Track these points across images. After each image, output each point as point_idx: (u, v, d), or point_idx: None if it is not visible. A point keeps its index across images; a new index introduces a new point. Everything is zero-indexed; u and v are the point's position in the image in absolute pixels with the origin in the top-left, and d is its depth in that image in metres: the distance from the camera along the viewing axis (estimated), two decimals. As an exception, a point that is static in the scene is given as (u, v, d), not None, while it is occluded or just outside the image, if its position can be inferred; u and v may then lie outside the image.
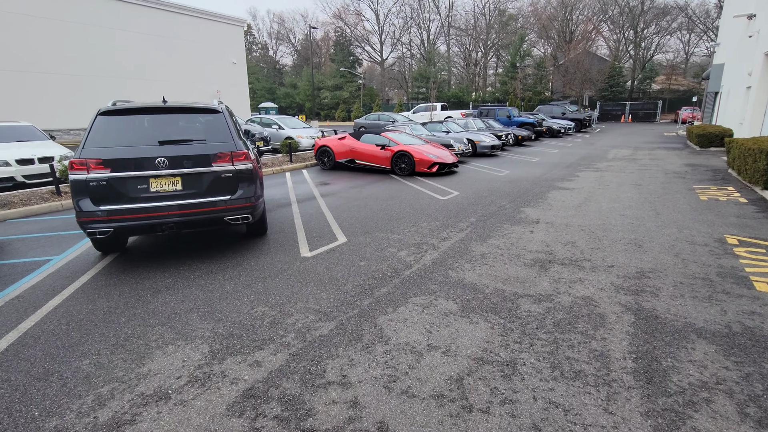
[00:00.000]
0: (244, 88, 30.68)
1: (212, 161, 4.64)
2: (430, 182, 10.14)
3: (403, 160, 11.37)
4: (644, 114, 41.12)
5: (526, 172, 11.68)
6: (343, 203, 7.93)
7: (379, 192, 8.98)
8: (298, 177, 11.43)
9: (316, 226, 6.28)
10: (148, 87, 24.50)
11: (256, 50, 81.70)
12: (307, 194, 8.92)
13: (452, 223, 6.33)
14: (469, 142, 15.60)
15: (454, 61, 66.50)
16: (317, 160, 13.00)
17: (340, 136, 12.87)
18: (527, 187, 9.30)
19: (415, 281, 4.11)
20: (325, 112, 64.64)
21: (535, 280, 4.08)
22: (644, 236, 5.46)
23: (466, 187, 9.42)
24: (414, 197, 8.34)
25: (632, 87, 46.76)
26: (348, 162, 12.32)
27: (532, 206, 7.36)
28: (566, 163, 13.56)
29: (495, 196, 8.27)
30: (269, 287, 4.04)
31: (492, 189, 9.08)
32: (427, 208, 7.40)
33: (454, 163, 11.68)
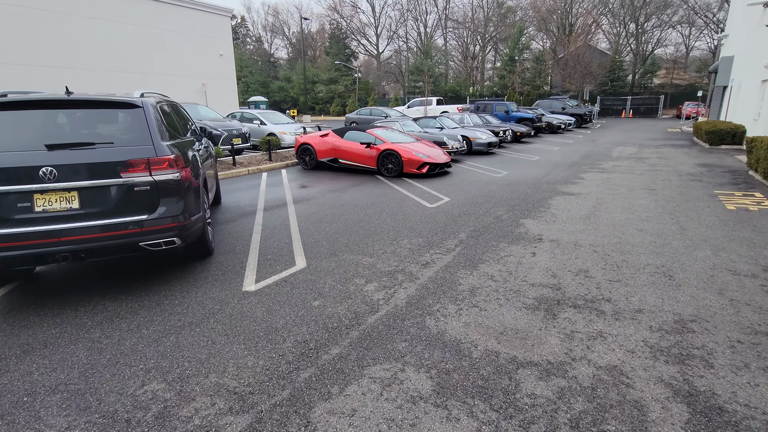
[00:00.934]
0: (232, 82, 29.43)
1: (121, 170, 3.57)
2: (418, 185, 9.08)
3: (390, 159, 10.30)
4: (645, 109, 40.08)
5: (526, 173, 10.63)
6: (315, 212, 6.87)
7: (360, 197, 7.92)
8: (275, 178, 10.35)
9: (275, 244, 5.22)
10: (128, 80, 23.27)
11: (250, 43, 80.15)
12: (279, 200, 7.85)
13: (438, 240, 5.28)
14: (464, 139, 14.53)
15: (451, 54, 65.21)
16: (298, 159, 11.92)
17: (323, 132, 11.78)
18: (527, 192, 8.25)
19: (379, 335, 3.07)
20: (320, 107, 63.31)
21: (540, 334, 3.04)
22: (673, 262, 4.43)
23: (458, 191, 8.37)
24: (398, 204, 7.28)
25: (633, 81, 45.66)
26: (331, 161, 11.25)
27: (534, 217, 6.31)
28: (568, 162, 12.52)
29: (491, 204, 7.22)
30: (182, 344, 2.99)
31: (487, 194, 8.03)
32: (411, 218, 6.35)
33: (447, 163, 10.62)
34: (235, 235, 5.64)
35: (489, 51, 62.71)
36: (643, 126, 28.89)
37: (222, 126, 12.86)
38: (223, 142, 12.60)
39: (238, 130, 13.15)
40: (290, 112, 37.61)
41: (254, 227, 6.01)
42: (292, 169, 11.90)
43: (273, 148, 13.44)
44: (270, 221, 6.34)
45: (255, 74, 69.19)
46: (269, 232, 5.75)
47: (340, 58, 62.15)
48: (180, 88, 25.66)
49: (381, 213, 6.73)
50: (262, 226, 6.06)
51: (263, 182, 9.81)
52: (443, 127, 15.15)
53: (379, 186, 9.12)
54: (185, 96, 25.66)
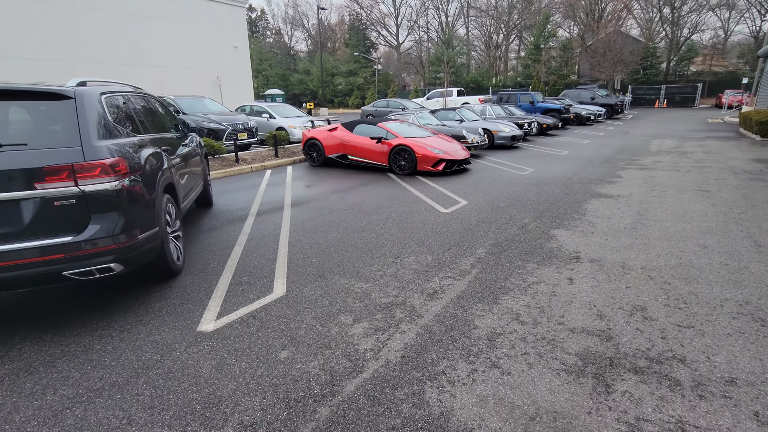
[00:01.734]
0: (247, 74, 28.86)
1: (36, 180, 2.78)
2: (433, 185, 8.13)
3: (402, 156, 9.36)
4: (681, 99, 37.71)
5: (555, 170, 9.53)
6: (313, 218, 6.02)
7: (366, 200, 7.03)
8: (279, 176, 9.57)
9: (256, 262, 4.40)
10: (140, 74, 22.92)
11: (270, 36, 79.87)
12: (276, 202, 7.04)
13: (451, 258, 4.35)
14: (486, 132, 13.44)
15: (473, 44, 63.30)
16: (305, 155, 11.10)
17: (331, 126, 10.92)
18: (557, 193, 7.19)
19: (357, 416, 2.19)
20: (339, 99, 62.54)
21: (589, 423, 2.10)
22: (759, 296, 3.38)
23: (477, 192, 7.38)
24: (408, 209, 6.36)
25: (667, 69, 43.09)
26: (339, 158, 10.39)
27: (567, 227, 5.30)
28: (602, 157, 11.30)
29: (515, 208, 6.22)
30: (87, 423, 2.18)
31: (511, 196, 7.02)
32: (421, 227, 5.43)
33: (466, 159, 9.61)
34: (214, 248, 4.84)
35: (513, 40, 60.53)
36: (680, 116, 26.96)
37: (227, 120, 12.15)
38: (227, 137, 11.89)
39: (244, 125, 12.42)
40: (307, 104, 36.95)
41: (239, 237, 5.21)
42: (299, 165, 11.09)
43: (281, 143, 12.67)
44: (259, 230, 5.52)
45: (275, 67, 68.91)
46: (254, 244, 4.93)
47: (359, 49, 61.09)
48: (193, 81, 25.23)
49: (387, 220, 5.83)
50: (248, 236, 5.25)
51: (264, 181, 9.03)
52: (463, 119, 14.07)
53: (389, 186, 8.21)
54: (199, 89, 25.23)
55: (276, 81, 66.11)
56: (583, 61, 46.31)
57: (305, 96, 63.95)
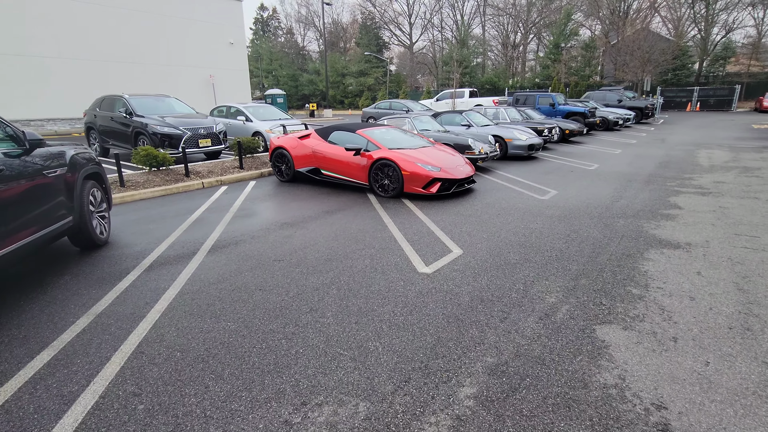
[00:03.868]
0: (244, 73, 27.05)
1: None
2: (421, 215, 5.97)
3: (385, 172, 7.22)
4: (716, 101, 34.62)
5: (585, 192, 7.27)
6: (222, 279, 3.93)
7: (318, 242, 4.92)
8: (230, 196, 7.52)
9: (32, 404, 2.32)
10: (130, 72, 21.26)
11: (282, 35, 78.51)
12: (193, 242, 4.99)
13: (407, 406, 2.21)
14: (498, 140, 11.21)
15: (490, 44, 60.70)
16: (273, 168, 9.05)
17: (303, 133, 8.84)
18: (595, 237, 4.96)
19: None
20: (349, 100, 60.62)
21: None
22: None
23: (479, 232, 5.19)
24: (371, 265, 4.22)
25: (699, 70, 39.95)
26: (311, 172, 8.30)
27: (622, 320, 3.09)
28: (643, 173, 8.97)
29: (532, 269, 4.02)
30: None
31: (528, 241, 4.81)
32: (377, 310, 3.29)
33: (468, 177, 7.43)
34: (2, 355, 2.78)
35: (531, 39, 57.79)
36: (719, 121, 24.18)
37: (187, 124, 10.18)
38: (184, 143, 9.92)
39: (207, 129, 10.43)
40: (309, 105, 35.05)
41: (70, 327, 3.14)
42: (265, 181, 9.04)
43: (251, 152, 10.65)
44: (120, 307, 3.45)
45: (285, 67, 67.38)
46: (78, 348, 2.86)
47: (370, 49, 59.17)
48: (184, 80, 23.51)
49: (330, 288, 3.70)
50: (91, 320, 3.18)
51: (207, 204, 6.98)
52: (471, 124, 11.86)
53: (361, 215, 6.08)
54: (190, 89, 23.47)
55: (286, 81, 64.64)
56: (607, 61, 43.45)
57: (315, 96, 62.28)
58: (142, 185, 7.82)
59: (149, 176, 8.42)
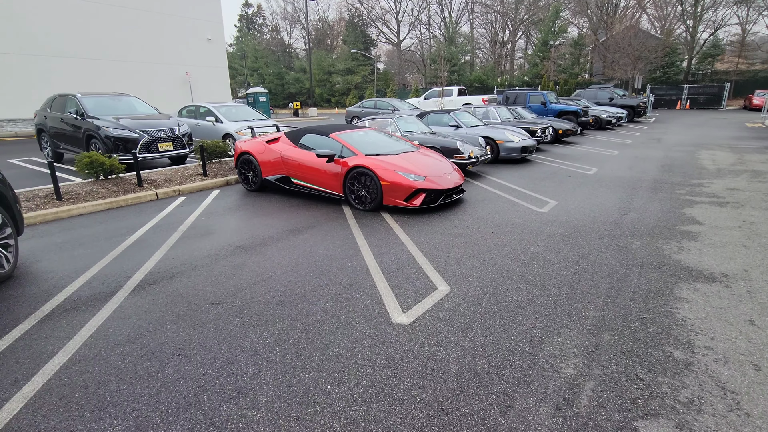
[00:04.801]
0: (223, 70, 25.85)
1: None
2: (402, 235, 5.06)
3: (362, 182, 6.30)
4: (705, 99, 34.33)
5: (588, 202, 6.43)
6: (136, 334, 2.98)
7: (274, 275, 3.98)
8: (185, 210, 6.53)
9: None
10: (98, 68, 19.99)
11: (267, 33, 76.94)
12: (119, 276, 4.01)
13: None
14: (488, 142, 10.35)
15: (478, 42, 60.04)
16: (239, 176, 8.06)
17: (271, 137, 7.86)
18: (610, 265, 4.09)
19: None
20: (336, 99, 59.50)
21: None
22: None
23: (471, 259, 4.29)
24: (338, 306, 3.30)
25: (688, 67, 39.70)
26: (280, 181, 7.34)
27: (668, 396, 2.22)
28: (647, 180, 8.18)
29: (543, 314, 3.14)
30: None
31: (529, 270, 3.93)
32: (342, 379, 2.37)
33: (457, 187, 6.54)
34: None
35: (519, 37, 57.24)
36: (711, 120, 23.70)
37: (145, 126, 9.13)
38: (142, 148, 8.88)
39: (169, 131, 9.38)
40: (293, 104, 33.91)
41: None
42: (230, 190, 8.05)
43: (216, 157, 9.64)
44: (-22, 384, 2.48)
45: (270, 65, 65.92)
46: None
47: (357, 46, 58.11)
48: (160, 78, 22.27)
49: (274, 351, 2.77)
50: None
51: (154, 221, 5.99)
52: (459, 124, 10.99)
53: (331, 236, 5.15)
54: (165, 87, 22.25)
55: (271, 80, 63.26)
56: (596, 58, 43.04)
57: (301, 95, 61.02)
58: (83, 198, 6.78)
59: (94, 187, 7.37)
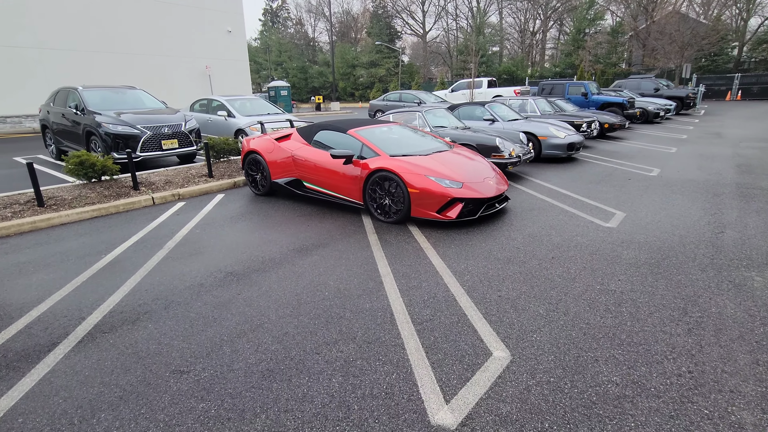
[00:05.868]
0: (244, 63, 25.12)
1: None
2: (436, 260, 3.96)
3: (385, 189, 5.22)
4: (759, 90, 31.58)
5: (667, 218, 5.15)
6: (52, 429, 2.02)
7: (269, 321, 2.96)
8: (180, 219, 5.61)
9: None
10: (117, 62, 19.55)
11: (291, 26, 76.45)
12: (66, 319, 3.08)
13: None
14: (530, 138, 9.09)
15: (507, 32, 57.68)
16: (246, 178, 7.11)
17: (282, 134, 6.86)
18: (733, 315, 2.87)
19: None
20: (360, 92, 58.38)
21: None
22: None
23: (532, 301, 3.15)
24: (347, 383, 2.24)
25: (739, 55, 36.73)
26: (291, 185, 6.34)
27: None
28: (728, 184, 6.77)
29: (659, 413, 1.99)
30: None
31: (621, 329, 2.75)
32: None
33: (500, 195, 5.38)
34: None
35: (551, 26, 54.67)
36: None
37: (148, 121, 8.31)
38: (144, 145, 8.06)
39: (174, 127, 8.53)
40: (315, 98, 33.05)
41: None
42: (236, 194, 7.12)
43: (224, 155, 8.74)
44: None
45: (294, 59, 65.35)
46: None
47: (382, 38, 56.77)
48: (179, 72, 21.70)
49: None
50: None
51: (140, 233, 5.08)
52: (495, 118, 9.75)
53: (347, 259, 4.09)
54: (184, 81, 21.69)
55: (295, 74, 62.75)
56: (636, 47, 40.42)
57: (325, 89, 60.25)
58: (68, 204, 5.96)
59: (84, 191, 6.55)
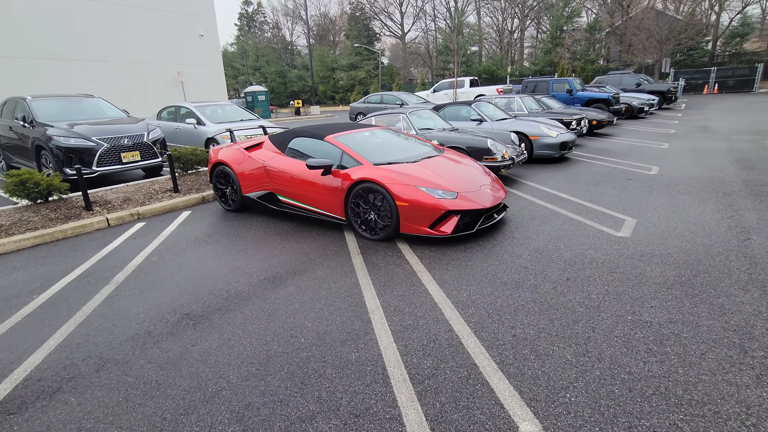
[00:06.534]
0: (218, 68, 24.20)
1: None
2: (432, 287, 3.34)
3: (370, 202, 4.59)
4: (735, 83, 31.97)
5: (681, 223, 4.64)
6: None
7: (228, 379, 2.28)
8: (137, 243, 4.89)
9: None
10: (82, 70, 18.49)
11: (268, 30, 75.30)
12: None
13: None
14: (521, 138, 8.59)
15: (485, 32, 57.76)
16: (215, 193, 6.39)
17: (252, 143, 6.19)
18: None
19: None
20: (340, 95, 57.64)
21: None
22: None
23: (552, 342, 2.54)
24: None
25: (713, 49, 37.26)
26: (264, 199, 5.66)
27: None
28: (733, 181, 6.34)
29: None
30: None
31: (671, 380, 2.19)
32: None
33: (498, 205, 4.80)
34: None
35: (528, 25, 54.93)
36: (749, 104, 21.55)
37: (105, 132, 7.52)
38: (100, 159, 7.27)
39: (135, 138, 7.75)
40: (295, 102, 32.23)
41: None
42: (204, 210, 6.40)
43: (194, 166, 8.00)
44: None
45: (272, 64, 64.27)
46: None
47: (360, 41, 56.22)
48: (149, 78, 20.72)
49: None
50: None
51: (87, 264, 4.35)
52: (483, 118, 9.23)
53: (328, 290, 3.44)
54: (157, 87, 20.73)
55: (274, 78, 61.74)
56: (613, 43, 40.73)
57: (304, 93, 59.41)
58: (5, 231, 5.17)
59: (26, 214, 5.76)
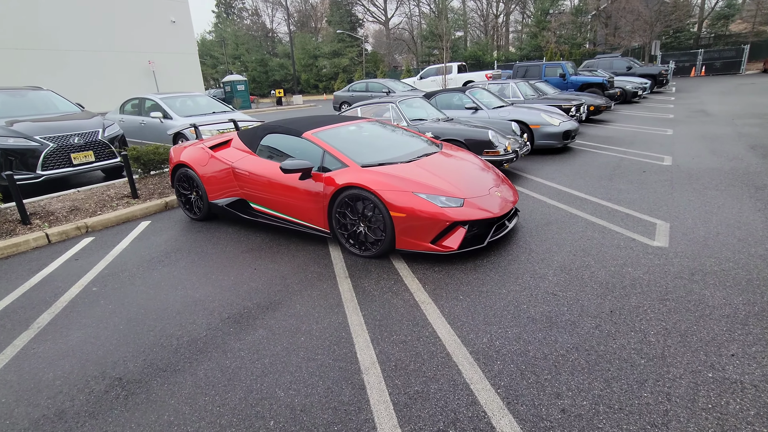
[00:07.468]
0: (193, 57, 22.88)
1: None
2: (439, 321, 2.55)
3: (359, 212, 3.80)
4: (722, 65, 31.71)
5: (723, 227, 3.95)
6: None
7: None
8: (79, 265, 4.03)
9: None
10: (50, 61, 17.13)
11: (247, 17, 72.91)
12: None
13: None
14: (522, 127, 7.85)
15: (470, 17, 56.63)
16: (178, 199, 5.52)
17: (218, 140, 5.32)
18: None
19: None
20: (324, 84, 56.19)
21: None
22: None
23: (619, 428, 1.87)
24: None
25: (699, 31, 36.95)
26: (233, 207, 4.83)
27: None
28: (760, 172, 5.72)
29: None
30: None
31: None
32: None
33: (510, 210, 4.06)
34: None
35: (513, 9, 54.03)
36: (740, 86, 21.17)
37: (52, 130, 6.55)
38: (46, 162, 6.32)
39: (87, 136, 6.79)
40: (276, 92, 30.96)
41: None
42: (166, 219, 5.53)
43: (157, 166, 7.09)
44: None
45: (252, 52, 62.28)
46: None
47: (343, 27, 54.67)
48: (118, 68, 19.39)
49: None
50: None
51: (9, 298, 3.50)
52: (479, 106, 8.46)
53: (307, 331, 2.64)
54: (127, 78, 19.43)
55: (254, 67, 59.89)
56: (599, 26, 40.16)
57: (287, 82, 57.75)
58: None
59: (-53, 231, 4.84)
